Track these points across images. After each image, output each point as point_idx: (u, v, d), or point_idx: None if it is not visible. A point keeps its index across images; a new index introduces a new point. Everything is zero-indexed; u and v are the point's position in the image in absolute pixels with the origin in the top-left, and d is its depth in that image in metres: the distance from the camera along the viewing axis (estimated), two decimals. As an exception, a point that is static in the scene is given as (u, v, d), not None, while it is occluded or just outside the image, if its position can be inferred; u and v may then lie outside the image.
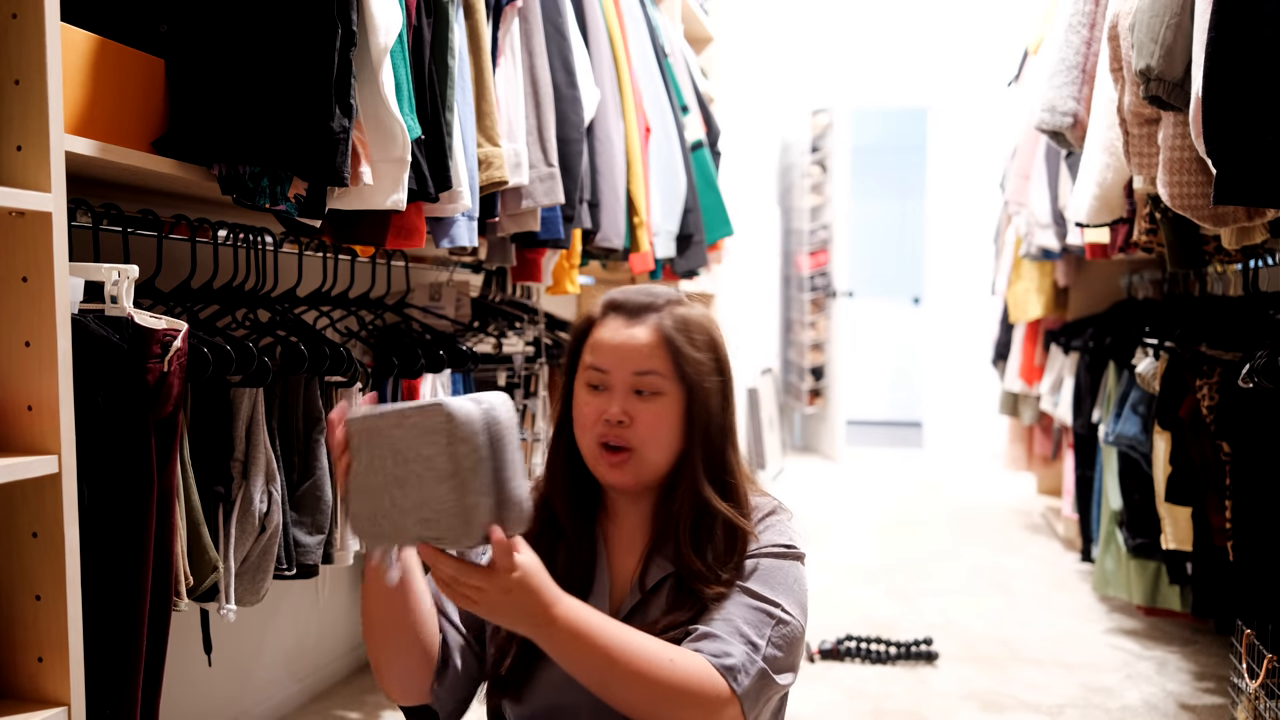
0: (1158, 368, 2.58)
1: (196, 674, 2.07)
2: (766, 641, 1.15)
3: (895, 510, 4.97)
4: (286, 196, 1.49)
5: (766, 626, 1.15)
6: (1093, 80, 2.53)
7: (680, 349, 1.20)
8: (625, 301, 1.23)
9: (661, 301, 1.23)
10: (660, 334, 1.20)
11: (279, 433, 1.71)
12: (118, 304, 1.35)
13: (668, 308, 1.22)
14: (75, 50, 1.29)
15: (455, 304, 2.47)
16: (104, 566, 1.30)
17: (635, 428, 1.18)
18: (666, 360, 1.19)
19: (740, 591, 1.17)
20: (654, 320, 1.21)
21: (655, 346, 1.19)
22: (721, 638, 1.13)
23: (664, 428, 1.19)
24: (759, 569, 1.19)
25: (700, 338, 1.22)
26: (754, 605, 1.16)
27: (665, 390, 1.19)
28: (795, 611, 1.18)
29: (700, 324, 1.23)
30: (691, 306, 1.25)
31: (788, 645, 1.17)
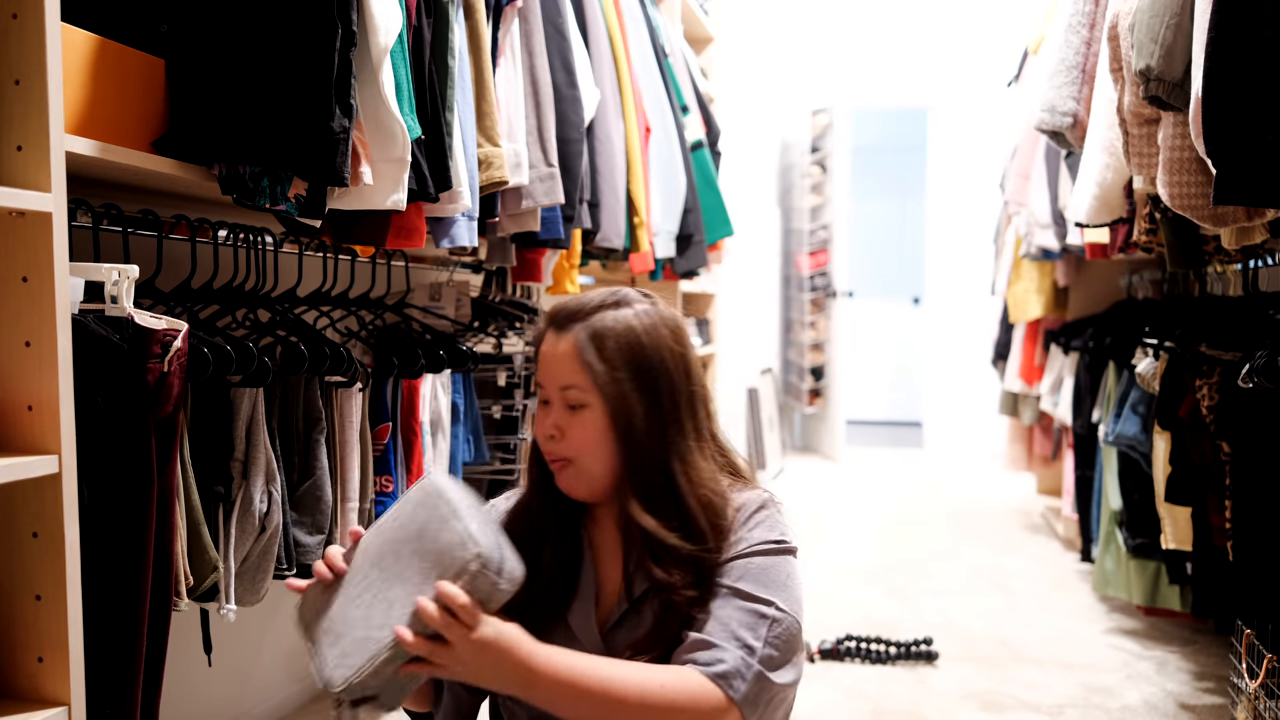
0: (1158, 368, 2.58)
1: (196, 674, 2.07)
2: (763, 642, 1.14)
3: (895, 510, 4.97)
4: (286, 196, 1.49)
5: (761, 626, 1.15)
6: (1093, 80, 2.53)
7: (588, 361, 1.18)
8: (557, 313, 1.22)
9: (589, 309, 1.21)
10: (573, 346, 1.19)
11: (279, 433, 1.71)
12: (118, 304, 1.35)
13: (592, 316, 1.20)
14: (75, 50, 1.29)
15: (455, 304, 2.47)
16: (104, 566, 1.30)
17: (567, 440, 1.20)
18: (581, 373, 1.18)
19: (731, 594, 1.16)
20: (573, 332, 1.20)
21: (571, 359, 1.19)
22: (715, 644, 1.13)
23: (593, 439, 1.19)
24: (750, 568, 1.18)
25: (612, 345, 1.18)
26: (746, 606, 1.16)
27: (588, 402, 1.19)
28: (790, 607, 1.18)
29: (617, 332, 1.19)
30: (622, 310, 1.21)
31: (784, 643, 1.16)
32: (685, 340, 1.25)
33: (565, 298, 1.25)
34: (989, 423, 6.08)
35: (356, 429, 1.87)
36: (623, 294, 1.24)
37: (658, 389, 1.20)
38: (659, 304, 1.25)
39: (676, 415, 1.22)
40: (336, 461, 1.82)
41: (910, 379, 7.94)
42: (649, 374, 1.20)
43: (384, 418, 1.99)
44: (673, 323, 1.24)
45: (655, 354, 1.21)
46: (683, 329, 1.25)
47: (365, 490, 1.92)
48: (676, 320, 1.25)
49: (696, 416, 1.24)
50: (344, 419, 1.85)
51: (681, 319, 1.27)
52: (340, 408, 1.84)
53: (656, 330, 1.22)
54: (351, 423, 1.86)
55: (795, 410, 7.00)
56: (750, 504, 1.24)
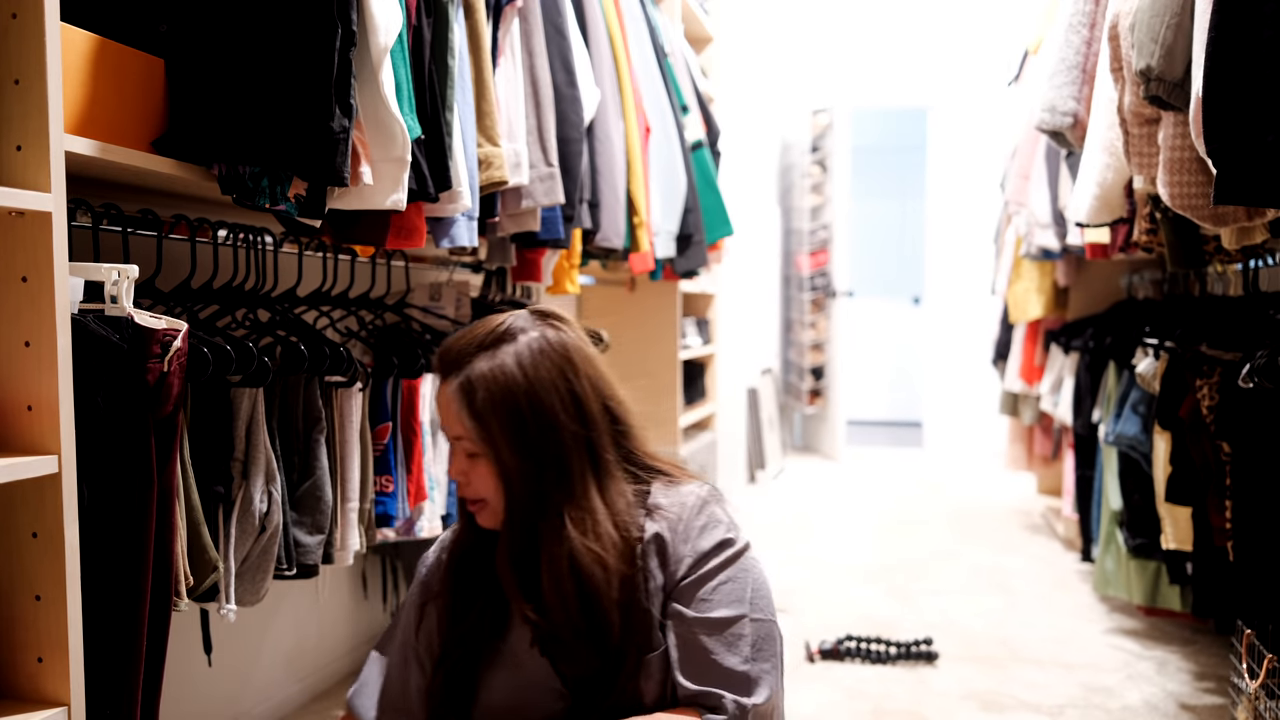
0: (1158, 368, 2.58)
1: (196, 674, 2.07)
2: (744, 659, 1.17)
3: (895, 510, 4.97)
4: (286, 196, 1.49)
5: (742, 645, 1.17)
6: (1093, 80, 2.53)
7: (461, 415, 1.17)
8: (442, 355, 1.21)
9: (468, 354, 1.18)
10: (450, 398, 1.18)
11: (279, 433, 1.71)
12: (118, 304, 1.35)
13: (470, 363, 1.17)
14: (75, 50, 1.28)
15: (455, 304, 2.47)
16: (104, 566, 1.30)
17: (473, 485, 1.20)
18: (461, 423, 1.18)
19: (702, 627, 1.17)
20: (451, 382, 1.18)
21: (451, 411, 1.18)
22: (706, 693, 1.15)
23: (493, 484, 1.19)
24: (712, 592, 1.18)
25: (482, 398, 1.16)
26: (722, 637, 1.17)
27: (479, 451, 1.18)
28: (760, 610, 1.20)
29: (489, 380, 1.16)
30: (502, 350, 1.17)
31: (766, 645, 1.19)
32: (577, 368, 1.20)
33: (455, 334, 1.22)
34: (989, 423, 6.08)
35: (356, 429, 1.87)
36: (510, 325, 1.20)
37: (534, 438, 1.17)
38: (552, 328, 1.21)
39: (562, 464, 1.18)
40: (336, 461, 1.82)
41: (910, 379, 7.94)
42: (522, 425, 1.16)
43: (384, 418, 1.99)
44: (562, 353, 1.19)
45: (530, 397, 1.17)
46: (574, 357, 1.20)
47: (365, 490, 1.92)
48: (568, 348, 1.20)
49: (595, 453, 1.20)
50: (344, 419, 1.85)
51: (579, 343, 1.22)
52: (340, 408, 1.84)
53: (538, 367, 1.17)
54: (351, 423, 1.86)
55: (795, 410, 7.00)
56: (688, 507, 1.22)
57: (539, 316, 1.23)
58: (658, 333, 4.02)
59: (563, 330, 1.22)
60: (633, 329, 3.95)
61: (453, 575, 1.27)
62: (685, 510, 1.22)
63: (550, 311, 1.24)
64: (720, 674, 1.16)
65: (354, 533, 1.86)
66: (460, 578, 1.26)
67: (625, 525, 1.19)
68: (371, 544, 1.97)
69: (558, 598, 1.15)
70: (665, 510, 1.22)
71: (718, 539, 1.21)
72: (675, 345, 4.01)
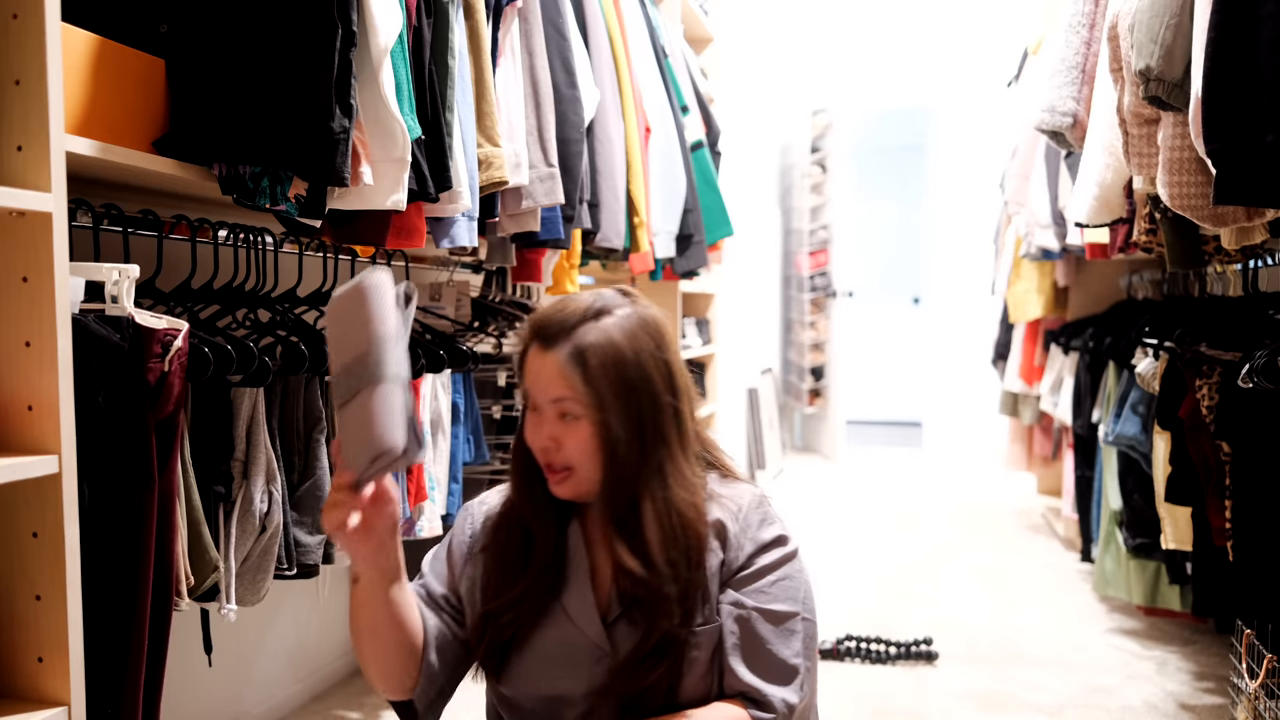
0: (1158, 368, 2.58)
1: (197, 674, 2.07)
2: (797, 654, 1.22)
3: (895, 510, 4.97)
4: (286, 196, 1.49)
5: (795, 640, 1.23)
6: (1093, 80, 2.53)
7: (572, 378, 1.20)
8: (542, 327, 1.23)
9: (573, 323, 1.21)
10: (559, 363, 1.20)
11: (279, 433, 1.71)
12: (118, 304, 1.35)
13: (575, 330, 1.21)
14: (75, 50, 1.29)
15: (455, 304, 2.47)
16: (105, 566, 1.30)
17: (565, 450, 1.22)
18: (570, 387, 1.20)
19: (761, 616, 1.22)
20: (559, 348, 1.21)
21: (559, 375, 1.20)
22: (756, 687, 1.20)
23: (589, 448, 1.21)
24: (771, 585, 1.24)
25: (595, 364, 1.19)
26: (777, 629, 1.22)
27: (580, 414, 1.20)
28: (810, 611, 1.26)
29: (600, 348, 1.20)
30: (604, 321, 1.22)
31: (812, 645, 1.26)
32: (668, 343, 1.25)
33: (548, 307, 1.25)
34: (989, 423, 6.08)
35: (357, 429, 1.87)
36: (604, 300, 1.24)
37: (640, 405, 1.21)
38: (640, 305, 1.26)
39: (660, 430, 1.23)
40: (337, 461, 1.82)
41: (910, 379, 7.94)
42: (632, 392, 1.21)
43: (384, 418, 1.99)
44: (654, 326, 1.24)
45: (637, 368, 1.21)
46: (665, 331, 1.26)
47: (365, 490, 1.91)
48: (658, 323, 1.26)
49: (681, 423, 1.25)
50: (344, 419, 1.84)
51: (663, 319, 1.28)
52: (340, 408, 1.84)
53: (638, 339, 1.22)
54: (352, 423, 1.85)
55: (795, 410, 7.00)
56: (746, 501, 1.28)
57: (626, 295, 1.27)
58: (658, 333, 4.00)
59: (650, 308, 1.28)
60: (633, 329, 3.94)
61: (506, 537, 1.29)
62: (745, 503, 1.27)
63: (633, 291, 1.29)
64: (774, 664, 1.21)
65: (354, 533, 1.86)
66: (514, 541, 1.28)
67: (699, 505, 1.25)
68: (372, 544, 1.97)
69: (663, 551, 1.20)
70: (726, 499, 1.27)
71: (775, 534, 1.26)
72: (675, 345, 4.00)
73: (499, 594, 1.26)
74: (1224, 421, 2.30)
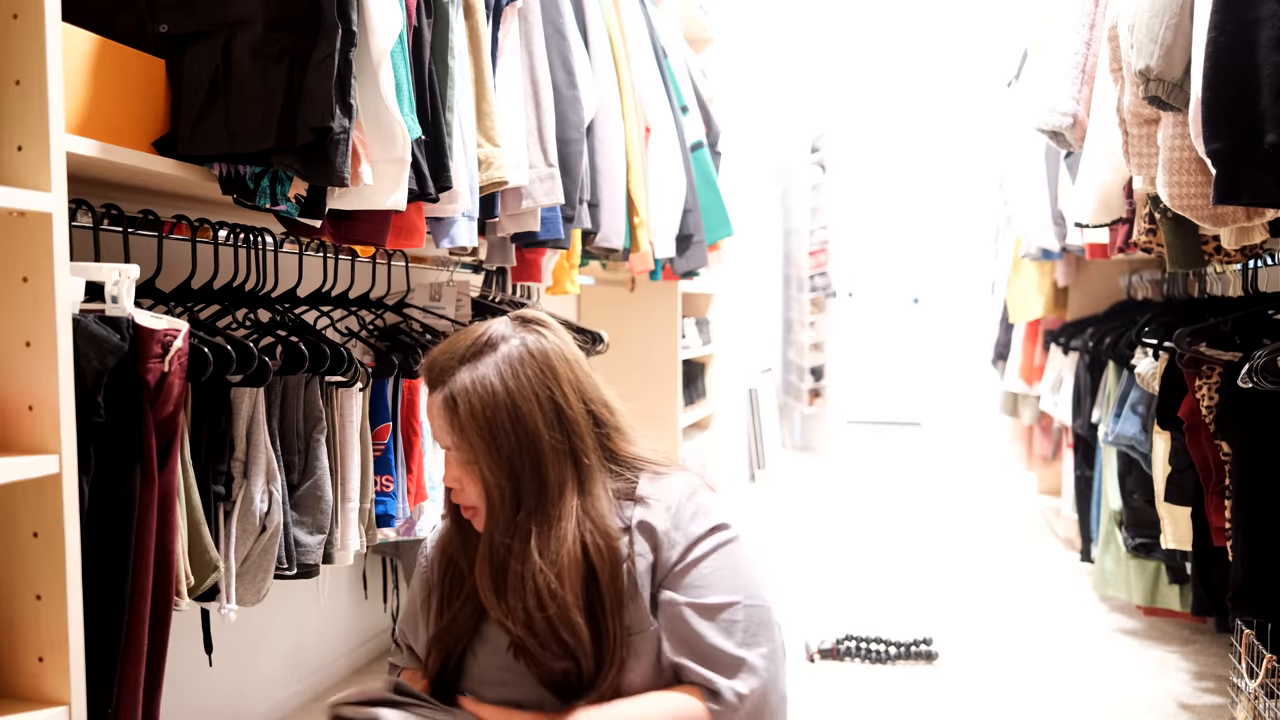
0: (1157, 368, 2.58)
1: (197, 674, 2.07)
2: (738, 644, 1.19)
3: (895, 510, 4.97)
4: (287, 196, 1.49)
5: (736, 631, 1.19)
6: (1092, 80, 2.53)
7: (448, 428, 1.20)
8: (427, 369, 1.23)
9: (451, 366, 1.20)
10: (439, 412, 1.21)
11: (279, 432, 1.71)
12: (118, 304, 1.35)
13: (453, 376, 1.20)
14: (76, 50, 1.29)
15: (455, 304, 2.47)
16: (105, 566, 1.30)
17: (466, 492, 1.23)
18: (449, 433, 1.20)
19: (695, 611, 1.20)
20: (437, 393, 1.21)
21: (440, 421, 1.21)
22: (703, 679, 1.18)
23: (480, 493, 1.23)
24: (703, 578, 1.21)
25: (464, 412, 1.18)
26: (715, 623, 1.19)
27: (471, 458, 1.21)
28: (753, 595, 1.22)
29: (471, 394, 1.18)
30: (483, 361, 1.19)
31: (760, 629, 1.21)
32: (558, 375, 1.22)
33: (440, 345, 1.25)
34: (989, 423, 6.08)
35: (357, 429, 1.87)
36: (492, 334, 1.21)
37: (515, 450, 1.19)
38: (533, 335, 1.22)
39: (541, 474, 1.20)
40: (337, 461, 1.83)
41: (910, 379, 7.94)
42: (503, 436, 1.19)
43: (384, 418, 1.99)
44: (542, 360, 1.21)
45: (511, 413, 1.19)
46: (556, 363, 1.22)
47: (365, 490, 1.92)
48: (548, 355, 1.22)
49: (577, 455, 1.22)
50: (344, 419, 1.85)
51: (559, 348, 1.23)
52: (340, 408, 1.84)
53: (519, 378, 1.19)
54: (352, 423, 1.86)
55: (795, 410, 7.00)
56: (677, 494, 1.25)
57: (520, 323, 1.24)
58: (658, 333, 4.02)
59: (544, 336, 1.24)
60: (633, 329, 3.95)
61: (442, 566, 1.33)
62: (674, 497, 1.24)
63: (532, 317, 1.25)
64: (717, 658, 1.18)
65: (354, 532, 1.86)
66: (447, 571, 1.31)
67: (606, 526, 1.21)
68: (372, 544, 1.97)
69: (522, 614, 1.19)
70: (654, 498, 1.25)
71: (709, 525, 1.23)
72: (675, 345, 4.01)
73: (435, 623, 1.29)
74: (1224, 421, 2.30)
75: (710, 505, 1.26)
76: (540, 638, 1.18)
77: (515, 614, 1.19)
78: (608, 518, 1.22)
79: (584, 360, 1.28)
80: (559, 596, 1.17)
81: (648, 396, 3.99)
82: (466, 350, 1.21)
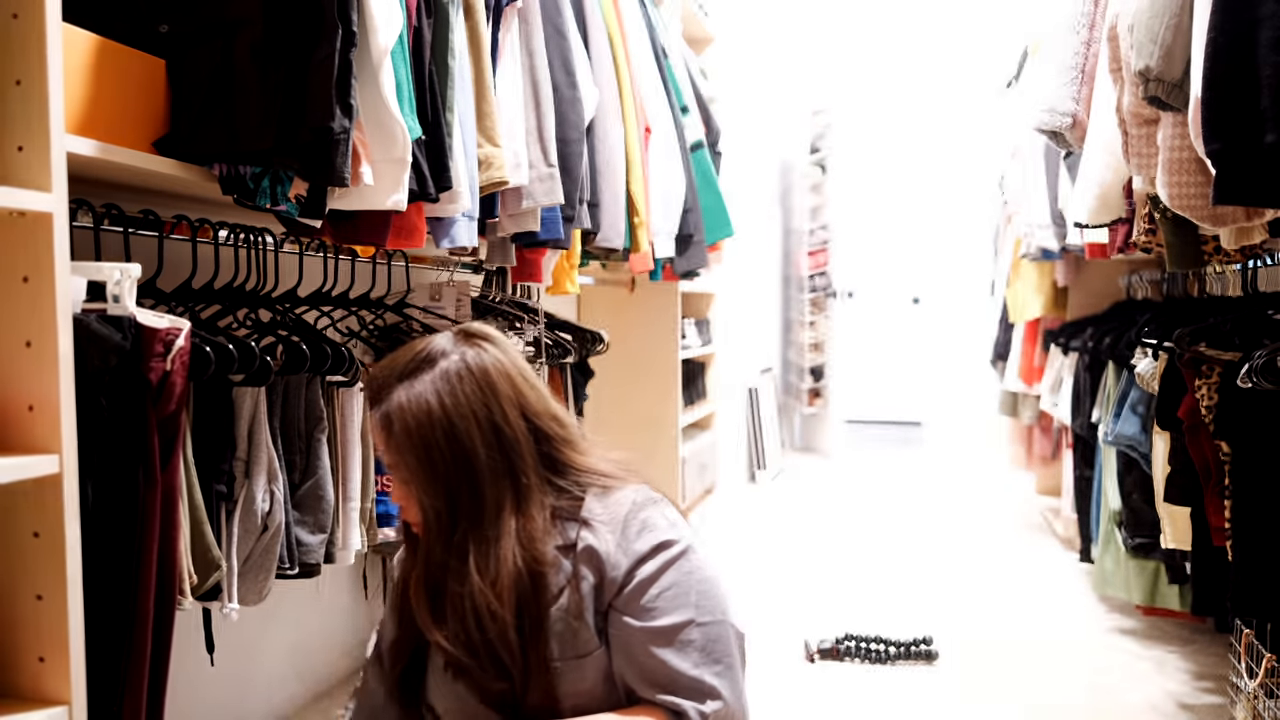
0: (1157, 368, 2.58)
1: (199, 673, 2.07)
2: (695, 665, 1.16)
3: (895, 510, 4.97)
4: (287, 197, 1.49)
5: (690, 652, 1.16)
6: (1092, 80, 2.53)
7: (384, 445, 1.19)
8: (368, 385, 1.22)
9: (390, 384, 1.18)
10: (377, 429, 1.20)
11: (281, 432, 1.71)
12: (120, 303, 1.35)
13: (390, 393, 1.18)
14: (76, 50, 1.29)
15: (455, 304, 2.47)
16: (108, 566, 1.30)
17: (409, 511, 1.22)
18: (389, 453, 1.20)
19: (647, 636, 1.17)
20: (375, 410, 1.19)
21: (379, 441, 1.20)
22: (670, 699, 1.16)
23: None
24: (652, 601, 1.17)
25: (399, 431, 1.16)
26: (670, 647, 1.16)
27: (407, 478, 1.20)
28: (706, 613, 1.18)
29: (406, 413, 1.16)
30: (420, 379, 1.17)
31: (718, 647, 1.18)
32: (498, 392, 1.19)
33: (381, 361, 1.23)
34: (989, 423, 6.08)
35: (358, 428, 1.87)
36: (431, 350, 1.19)
37: (449, 471, 1.17)
38: (474, 350, 1.20)
39: (477, 492, 1.17)
40: (338, 461, 1.83)
41: (910, 379, 7.94)
42: (438, 456, 1.16)
43: (384, 417, 1.99)
44: (481, 377, 1.18)
45: (446, 433, 1.16)
46: (496, 379, 1.19)
47: (367, 489, 1.92)
48: (487, 371, 1.19)
49: (516, 473, 1.19)
50: (345, 418, 1.85)
51: (499, 361, 1.20)
52: (342, 407, 1.84)
53: (456, 396, 1.16)
54: (353, 422, 1.86)
55: (795, 410, 7.00)
56: (621, 513, 1.21)
57: (463, 337, 1.22)
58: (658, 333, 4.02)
59: (485, 350, 1.21)
60: (633, 329, 3.96)
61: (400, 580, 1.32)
62: (618, 517, 1.21)
63: (476, 331, 1.23)
64: (675, 682, 1.16)
65: (355, 532, 1.86)
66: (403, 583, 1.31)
67: (538, 552, 1.18)
68: (373, 543, 1.97)
69: (462, 635, 1.18)
70: (598, 519, 1.21)
71: (654, 542, 1.20)
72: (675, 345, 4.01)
73: (394, 632, 1.30)
74: (1223, 421, 2.30)
75: (655, 521, 1.21)
76: (480, 659, 1.17)
77: (454, 636, 1.17)
78: (538, 542, 1.18)
79: (529, 373, 1.24)
80: (500, 617, 1.15)
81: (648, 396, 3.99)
82: (405, 367, 1.18)
